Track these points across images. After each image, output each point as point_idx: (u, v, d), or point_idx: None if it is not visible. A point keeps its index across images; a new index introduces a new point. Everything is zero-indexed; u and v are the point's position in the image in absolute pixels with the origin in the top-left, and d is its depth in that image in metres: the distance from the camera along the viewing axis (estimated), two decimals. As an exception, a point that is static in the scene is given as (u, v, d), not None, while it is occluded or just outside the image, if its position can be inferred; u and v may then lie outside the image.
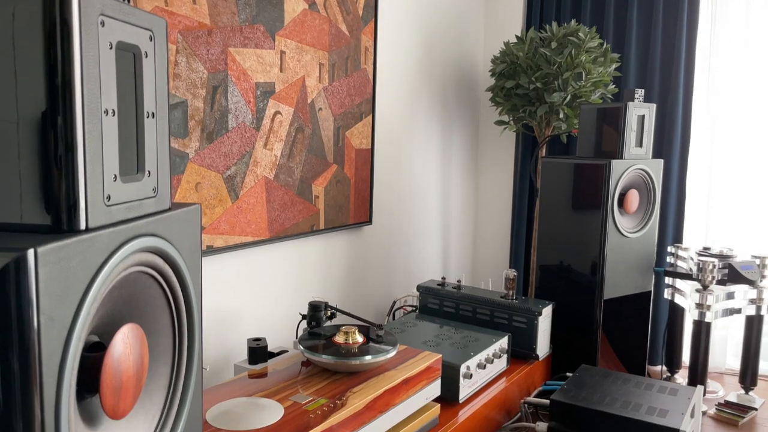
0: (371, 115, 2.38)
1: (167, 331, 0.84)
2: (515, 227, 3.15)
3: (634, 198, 2.36)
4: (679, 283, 2.51)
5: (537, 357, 2.20)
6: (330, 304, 2.09)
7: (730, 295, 2.37)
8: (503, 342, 2.05)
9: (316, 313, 1.74)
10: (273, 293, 2.04)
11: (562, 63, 2.54)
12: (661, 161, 2.48)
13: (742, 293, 2.39)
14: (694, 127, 2.82)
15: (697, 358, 2.40)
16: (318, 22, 2.08)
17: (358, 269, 2.46)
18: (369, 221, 2.44)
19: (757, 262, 2.39)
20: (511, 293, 2.28)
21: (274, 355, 1.73)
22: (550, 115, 2.67)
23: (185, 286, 0.85)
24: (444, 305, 2.36)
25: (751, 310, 2.40)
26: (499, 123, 2.84)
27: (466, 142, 3.19)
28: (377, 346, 1.60)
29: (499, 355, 2.02)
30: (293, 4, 1.97)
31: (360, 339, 1.62)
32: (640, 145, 2.40)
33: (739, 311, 2.39)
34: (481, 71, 3.24)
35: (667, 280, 2.60)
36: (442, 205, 3.02)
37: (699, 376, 2.41)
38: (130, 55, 0.74)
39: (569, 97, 2.58)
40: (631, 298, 2.57)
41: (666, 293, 2.62)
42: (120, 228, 0.70)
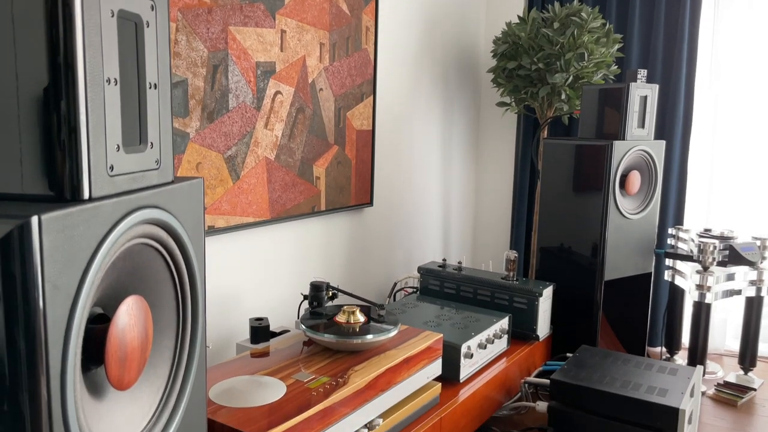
0: (372, 96, 2.37)
1: (171, 304, 0.84)
2: (516, 209, 3.15)
3: (635, 179, 2.36)
4: (680, 264, 2.52)
5: (537, 338, 2.21)
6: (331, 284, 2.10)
7: (731, 277, 2.37)
8: (504, 323, 2.06)
9: (318, 293, 1.74)
10: (275, 273, 2.04)
11: (564, 43, 2.52)
12: (663, 142, 2.47)
13: (743, 274, 2.39)
14: (697, 109, 2.80)
15: (697, 339, 2.41)
16: (318, 0, 2.06)
17: (359, 251, 2.46)
18: (370, 203, 2.43)
19: (758, 243, 2.39)
20: (511, 274, 2.28)
21: (276, 334, 1.74)
22: (551, 96, 2.65)
23: (188, 259, 0.85)
24: (445, 287, 2.36)
25: (751, 292, 2.41)
26: (501, 104, 2.82)
27: (468, 123, 3.17)
28: (378, 325, 1.61)
29: (500, 336, 2.03)
30: (294, -18, 1.95)
31: (361, 318, 1.63)
32: (642, 127, 2.39)
33: (739, 292, 2.40)
34: (482, 52, 3.22)
35: (668, 261, 2.61)
36: (443, 186, 3.01)
37: (698, 357, 2.42)
38: (131, 25, 0.73)
39: (571, 78, 2.57)
40: (631, 280, 2.58)
41: (666, 275, 2.62)
42: (123, 198, 0.70)
